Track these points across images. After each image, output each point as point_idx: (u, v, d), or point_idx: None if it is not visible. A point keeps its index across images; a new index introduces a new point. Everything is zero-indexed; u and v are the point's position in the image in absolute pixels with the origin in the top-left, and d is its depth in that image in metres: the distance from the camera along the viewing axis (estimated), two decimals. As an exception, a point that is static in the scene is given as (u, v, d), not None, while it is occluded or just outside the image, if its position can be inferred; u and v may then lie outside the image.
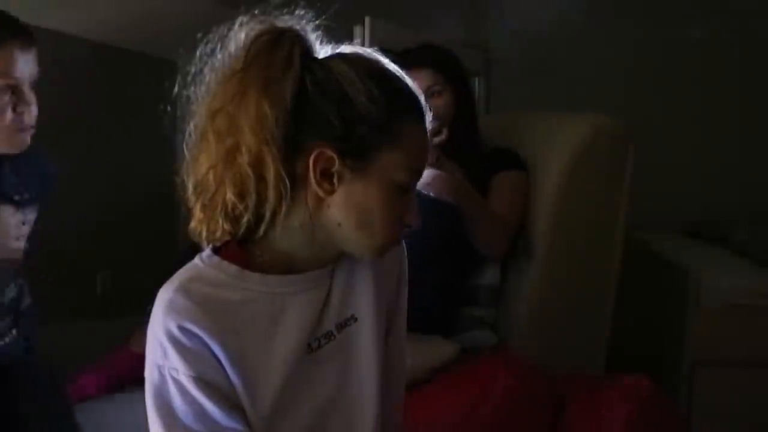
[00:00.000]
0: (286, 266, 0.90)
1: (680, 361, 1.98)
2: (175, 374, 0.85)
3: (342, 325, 0.93)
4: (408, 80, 0.90)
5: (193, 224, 0.90)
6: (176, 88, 0.89)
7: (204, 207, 0.88)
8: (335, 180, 0.84)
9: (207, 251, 0.90)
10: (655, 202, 2.49)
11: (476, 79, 2.79)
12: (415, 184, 0.90)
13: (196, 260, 0.91)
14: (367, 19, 2.08)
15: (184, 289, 0.86)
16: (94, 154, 2.32)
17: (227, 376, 0.86)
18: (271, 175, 0.83)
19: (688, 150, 2.74)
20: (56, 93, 2.18)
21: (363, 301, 0.95)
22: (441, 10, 2.85)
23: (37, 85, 1.34)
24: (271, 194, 0.84)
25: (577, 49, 2.79)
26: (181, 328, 0.84)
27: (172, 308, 0.85)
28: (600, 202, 1.74)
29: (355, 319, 0.94)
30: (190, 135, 0.89)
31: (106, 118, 2.34)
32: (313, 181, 0.84)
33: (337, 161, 0.83)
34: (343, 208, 0.86)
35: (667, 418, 1.45)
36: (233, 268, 0.88)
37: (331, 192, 0.85)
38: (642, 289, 2.18)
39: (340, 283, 0.94)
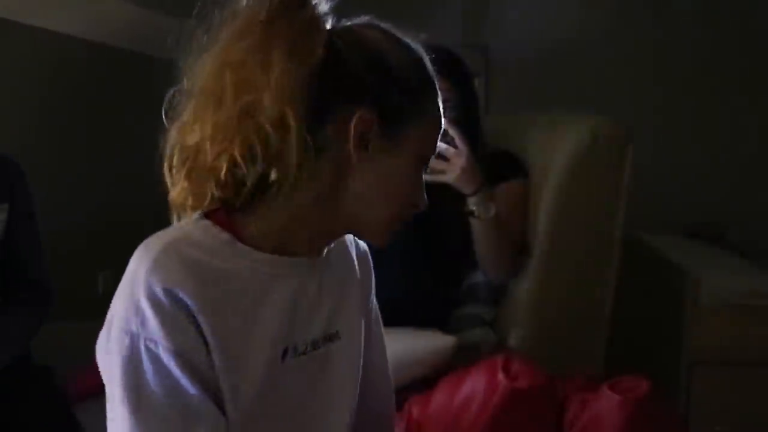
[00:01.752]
0: (276, 245, 0.82)
1: (679, 361, 1.98)
2: (152, 346, 0.73)
3: (327, 339, 0.87)
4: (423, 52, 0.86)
5: (174, 193, 0.81)
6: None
7: (190, 174, 0.80)
8: (369, 147, 0.80)
9: (195, 215, 0.81)
10: (654, 203, 2.49)
11: (476, 79, 2.79)
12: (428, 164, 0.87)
13: (182, 223, 0.81)
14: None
15: (174, 249, 0.75)
16: (96, 153, 2.32)
17: (210, 358, 0.75)
18: (293, 138, 0.76)
19: (687, 150, 2.74)
20: (57, 93, 2.18)
21: (349, 319, 0.91)
22: (441, 11, 2.85)
23: (38, 86, 1.34)
24: (292, 158, 0.76)
25: (576, 50, 2.79)
26: (168, 292, 0.73)
27: (158, 267, 0.74)
28: (599, 203, 1.74)
29: (339, 337, 0.89)
30: (174, 99, 0.81)
31: (106, 119, 2.35)
32: (350, 145, 0.79)
33: (375, 126, 0.79)
34: (370, 179, 0.81)
35: (666, 418, 1.45)
36: (225, 235, 0.79)
37: (363, 160, 0.79)
38: (641, 289, 2.18)
39: (330, 292, 0.88)
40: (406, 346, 1.59)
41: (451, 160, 1.62)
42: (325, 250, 0.87)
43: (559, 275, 1.72)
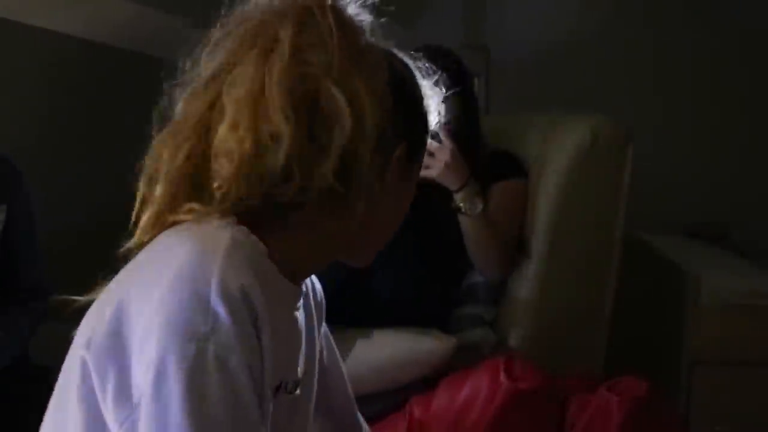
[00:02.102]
0: (288, 272, 0.75)
1: (679, 361, 1.98)
2: (224, 354, 0.61)
3: (298, 383, 0.80)
4: None
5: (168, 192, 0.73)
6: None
7: (213, 173, 0.71)
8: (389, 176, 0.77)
9: (218, 221, 0.70)
10: (655, 203, 2.49)
11: (476, 79, 2.79)
12: None
13: (213, 226, 0.70)
14: (367, 20, 2.08)
15: (240, 245, 0.68)
16: (95, 154, 2.32)
17: (263, 380, 0.66)
18: (362, 166, 0.72)
19: (688, 150, 2.74)
20: (58, 93, 2.18)
21: (312, 363, 0.87)
22: (441, 11, 2.85)
23: (38, 86, 1.34)
24: (363, 178, 0.72)
25: (576, 50, 2.79)
26: (244, 294, 0.64)
27: (233, 263, 0.65)
28: (599, 203, 1.75)
29: (305, 384, 0.84)
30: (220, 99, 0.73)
31: (106, 119, 2.34)
32: (389, 176, 0.77)
33: (404, 157, 0.79)
34: (385, 206, 0.79)
35: (665, 418, 1.45)
36: (262, 246, 0.71)
37: (382, 189, 0.77)
38: (641, 289, 2.18)
39: (304, 332, 0.82)
40: (407, 346, 1.59)
41: (435, 155, 1.62)
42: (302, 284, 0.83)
43: (559, 275, 1.72)
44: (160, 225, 0.74)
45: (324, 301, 0.95)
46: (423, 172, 1.62)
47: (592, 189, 1.73)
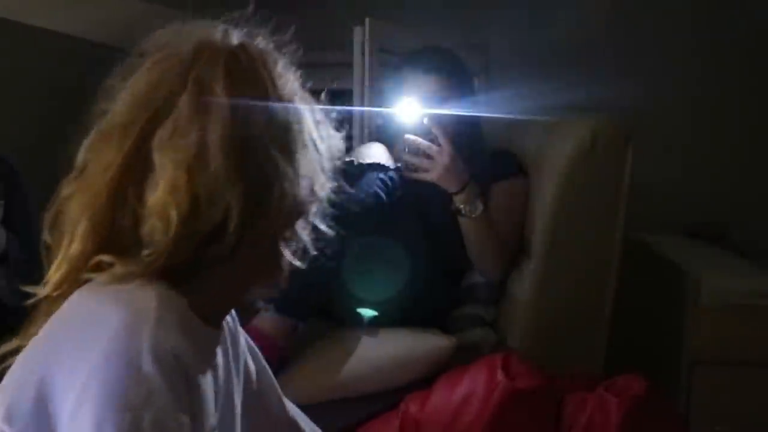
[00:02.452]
0: (208, 316, 0.74)
1: (679, 361, 1.98)
2: (160, 421, 0.61)
3: (214, 427, 0.77)
4: None
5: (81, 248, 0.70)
6: None
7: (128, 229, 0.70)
8: None
9: (144, 278, 0.69)
10: (655, 203, 2.49)
11: (476, 79, 2.78)
12: None
13: (134, 285, 0.68)
14: (367, 20, 2.08)
15: (167, 303, 0.68)
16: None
17: None
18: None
19: (688, 150, 2.73)
20: (58, 93, 2.17)
21: (232, 404, 0.84)
22: (441, 11, 2.85)
23: (38, 86, 1.34)
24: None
25: (577, 50, 2.79)
26: (177, 357, 0.64)
27: (163, 324, 0.65)
28: (599, 203, 1.75)
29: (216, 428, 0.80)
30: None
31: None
32: None
33: None
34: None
35: (665, 418, 1.45)
36: (183, 300, 0.70)
37: None
38: (641, 289, 2.18)
39: (222, 368, 0.80)
40: (406, 346, 1.59)
41: (434, 158, 1.63)
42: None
43: (559, 275, 1.72)
44: (74, 282, 0.72)
45: (237, 321, 0.91)
46: (422, 175, 1.64)
47: (592, 189, 1.73)
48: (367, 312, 1.64)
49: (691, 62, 2.77)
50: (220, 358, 0.79)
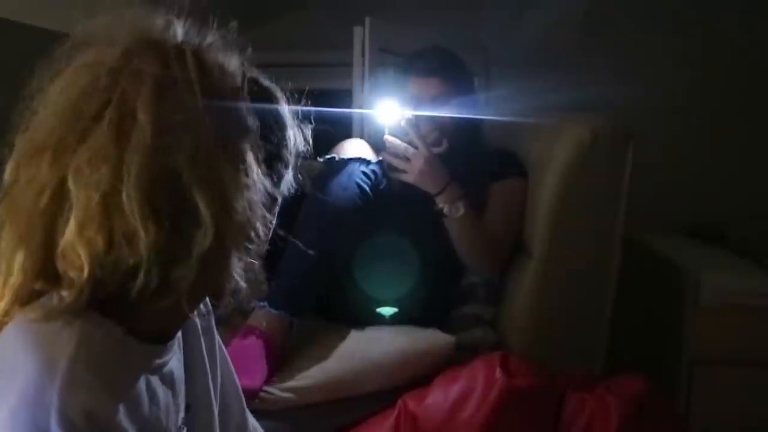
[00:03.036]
0: (160, 329, 0.72)
1: (679, 361, 1.98)
2: None
3: (185, 418, 0.77)
4: None
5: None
6: None
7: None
8: None
9: (73, 311, 0.65)
10: (654, 202, 2.49)
11: (476, 79, 2.78)
12: None
13: (60, 323, 0.64)
14: (367, 20, 2.08)
15: (90, 341, 0.63)
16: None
17: None
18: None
19: (688, 150, 2.73)
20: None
21: (199, 386, 0.83)
22: (441, 11, 2.85)
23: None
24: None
25: (577, 51, 2.78)
26: (89, 417, 0.59)
27: (76, 376, 0.60)
28: (599, 203, 1.74)
29: (189, 410, 0.80)
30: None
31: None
32: None
33: None
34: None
35: (665, 418, 1.45)
36: (117, 329, 0.67)
37: None
38: (641, 289, 2.18)
39: (182, 365, 0.79)
40: (406, 346, 1.59)
41: (411, 161, 1.64)
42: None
43: (559, 275, 1.72)
44: (9, 316, 0.68)
45: (211, 311, 0.89)
46: (401, 176, 1.65)
47: (592, 189, 1.73)
48: (387, 310, 1.65)
49: (691, 62, 2.77)
50: (175, 364, 0.77)
